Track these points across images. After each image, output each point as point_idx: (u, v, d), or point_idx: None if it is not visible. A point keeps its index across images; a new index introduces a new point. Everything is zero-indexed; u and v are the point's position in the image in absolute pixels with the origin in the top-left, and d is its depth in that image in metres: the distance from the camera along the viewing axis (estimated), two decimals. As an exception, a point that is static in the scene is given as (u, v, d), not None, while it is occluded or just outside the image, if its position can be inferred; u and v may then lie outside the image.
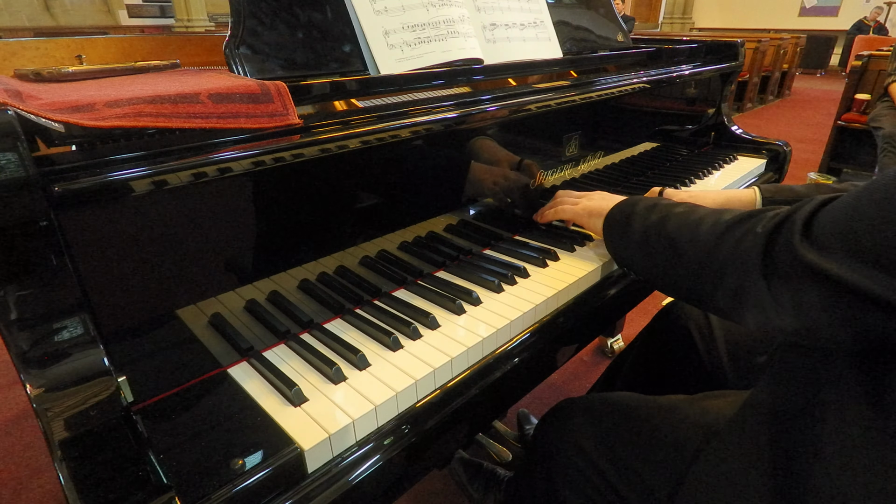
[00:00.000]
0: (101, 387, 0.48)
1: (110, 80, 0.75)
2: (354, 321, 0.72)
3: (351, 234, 0.74)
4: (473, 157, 0.87)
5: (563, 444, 0.76)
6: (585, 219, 0.88)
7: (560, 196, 0.97)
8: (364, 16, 0.81)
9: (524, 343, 0.73)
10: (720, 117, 1.57)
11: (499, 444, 1.30)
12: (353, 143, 0.67)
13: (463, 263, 0.88)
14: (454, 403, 0.64)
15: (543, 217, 0.97)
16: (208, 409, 0.57)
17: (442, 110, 0.76)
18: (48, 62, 0.99)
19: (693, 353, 0.97)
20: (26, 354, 0.47)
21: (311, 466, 0.53)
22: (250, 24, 0.71)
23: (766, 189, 0.93)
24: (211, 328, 0.63)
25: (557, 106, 0.93)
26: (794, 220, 0.51)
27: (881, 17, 9.63)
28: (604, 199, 0.87)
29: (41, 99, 0.50)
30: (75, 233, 0.49)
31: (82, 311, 0.50)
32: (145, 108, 0.50)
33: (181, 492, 0.46)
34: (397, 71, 0.82)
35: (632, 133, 1.27)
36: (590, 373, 1.80)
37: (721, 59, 1.44)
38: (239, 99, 0.56)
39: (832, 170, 3.79)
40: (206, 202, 0.58)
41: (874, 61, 3.45)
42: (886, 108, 3.08)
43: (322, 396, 0.58)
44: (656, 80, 1.17)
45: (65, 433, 0.45)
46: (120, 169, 0.49)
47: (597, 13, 1.28)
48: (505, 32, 1.01)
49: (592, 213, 0.86)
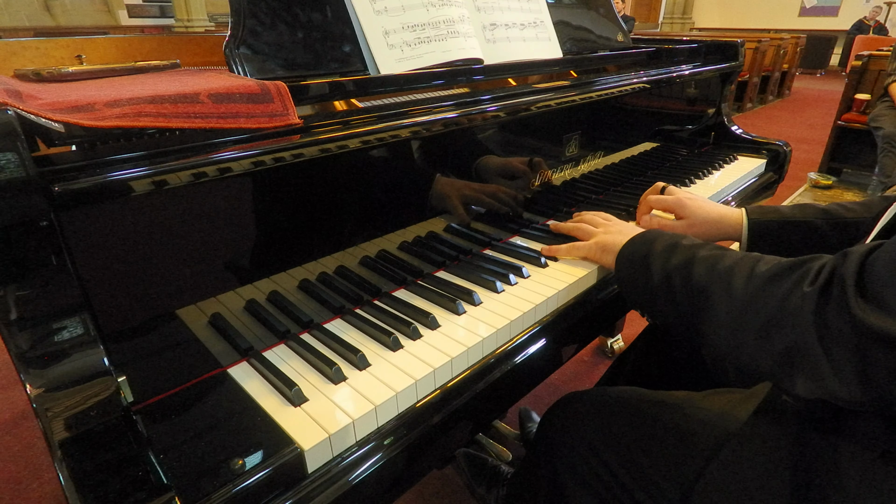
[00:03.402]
0: (101, 387, 0.48)
1: (110, 80, 0.75)
2: (354, 321, 0.72)
3: (351, 234, 0.74)
4: (473, 157, 0.87)
5: (568, 437, 0.76)
6: (598, 254, 0.82)
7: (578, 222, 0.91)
8: (364, 16, 0.81)
9: (524, 343, 0.73)
10: (720, 117, 1.57)
11: (499, 445, 1.30)
12: (353, 143, 0.67)
13: (463, 263, 0.88)
14: (454, 403, 0.64)
15: (559, 252, 0.88)
16: (208, 409, 0.57)
17: (442, 110, 0.76)
18: (48, 62, 0.99)
19: (695, 351, 0.98)
20: (26, 354, 0.47)
21: (311, 466, 0.53)
22: (250, 24, 0.71)
23: (753, 210, 0.91)
24: (211, 328, 0.63)
25: (557, 106, 0.93)
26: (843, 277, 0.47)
27: (881, 16, 9.64)
28: (620, 232, 0.81)
29: (41, 99, 0.50)
30: (75, 233, 0.49)
31: (82, 311, 0.49)
32: (145, 107, 0.50)
33: (181, 492, 0.46)
34: (397, 71, 0.82)
35: (632, 133, 1.27)
36: (590, 373, 1.80)
37: (721, 59, 1.44)
38: (239, 99, 0.56)
39: (832, 170, 3.79)
40: (206, 202, 0.58)
41: (874, 61, 3.45)
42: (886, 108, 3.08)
43: (322, 396, 0.58)
44: (656, 80, 1.17)
45: (65, 433, 0.45)
46: (120, 169, 0.49)
47: (597, 13, 1.28)
48: (505, 32, 1.01)
49: (606, 248, 0.80)
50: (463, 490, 1.33)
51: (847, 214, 0.86)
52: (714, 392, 0.72)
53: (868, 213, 0.85)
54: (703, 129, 1.57)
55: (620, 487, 0.69)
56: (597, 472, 0.71)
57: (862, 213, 0.86)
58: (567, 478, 0.75)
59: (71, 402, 0.47)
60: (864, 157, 3.62)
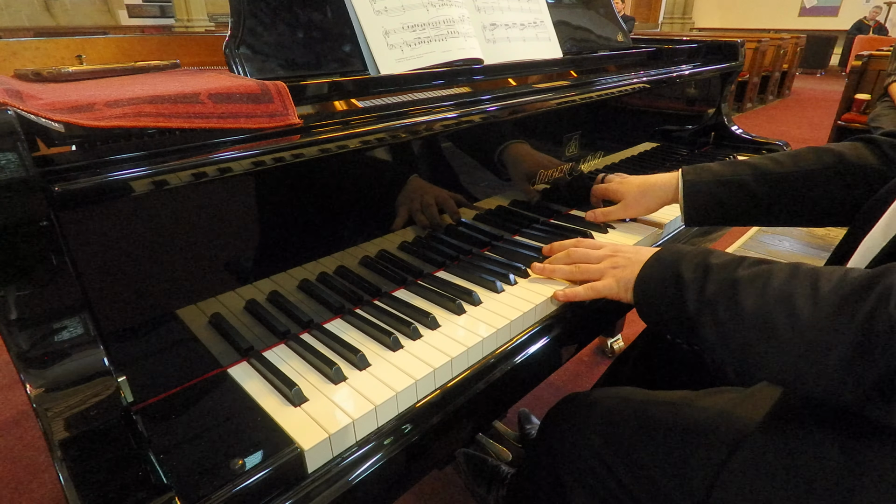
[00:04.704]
0: (101, 387, 0.48)
1: (110, 80, 0.75)
2: (354, 321, 0.72)
3: (351, 234, 0.74)
4: (473, 157, 0.87)
5: (569, 437, 0.76)
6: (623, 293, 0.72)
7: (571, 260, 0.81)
8: (364, 16, 0.81)
9: (524, 343, 0.73)
10: (720, 117, 1.57)
11: (499, 445, 1.30)
12: (353, 143, 0.67)
13: (463, 263, 0.88)
14: (454, 403, 0.64)
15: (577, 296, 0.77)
16: (208, 409, 0.57)
17: (442, 110, 0.76)
18: (48, 62, 0.99)
19: (694, 351, 0.98)
20: (26, 354, 0.47)
21: (311, 466, 0.53)
22: (250, 24, 0.71)
23: (687, 171, 0.92)
24: (211, 328, 0.63)
25: (557, 106, 0.93)
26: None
27: (881, 16, 9.63)
28: (630, 260, 0.73)
29: (41, 99, 0.50)
30: (75, 233, 0.49)
31: (82, 311, 0.49)
32: (145, 107, 0.50)
33: (181, 492, 0.46)
34: (397, 71, 0.82)
35: (632, 133, 1.27)
36: (590, 373, 1.80)
37: (721, 59, 1.44)
38: (239, 99, 0.56)
39: (832, 170, 3.78)
40: (206, 202, 0.58)
41: (874, 61, 3.45)
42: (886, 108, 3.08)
43: (322, 396, 0.58)
44: (656, 80, 1.17)
45: (65, 433, 0.45)
46: (120, 169, 0.49)
47: (597, 13, 1.28)
48: (505, 32, 1.01)
49: (627, 284, 0.71)
50: (463, 490, 1.33)
51: (775, 168, 0.87)
52: (714, 391, 0.72)
53: (796, 167, 0.86)
54: (704, 129, 1.56)
55: (621, 488, 0.69)
56: (598, 472, 0.71)
57: (790, 166, 0.87)
58: (568, 478, 0.75)
59: (71, 402, 0.47)
60: (864, 157, 3.61)
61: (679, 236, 1.07)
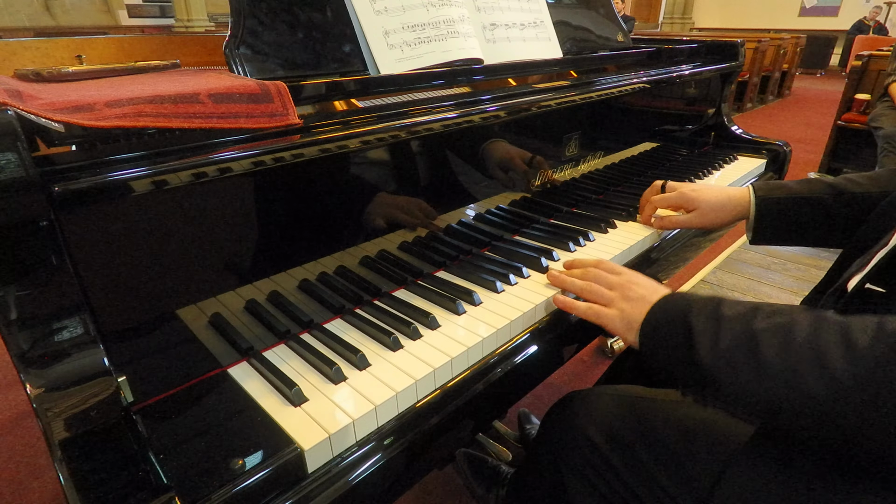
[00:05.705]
0: (101, 387, 0.48)
1: (110, 80, 0.75)
2: (354, 321, 0.72)
3: (351, 234, 0.74)
4: (473, 157, 0.87)
5: (570, 435, 0.76)
6: (625, 331, 0.68)
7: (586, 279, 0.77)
8: (364, 16, 0.81)
9: (524, 343, 0.73)
10: (720, 117, 1.57)
11: (499, 445, 1.30)
12: (353, 143, 0.67)
13: (463, 263, 0.88)
14: (454, 403, 0.64)
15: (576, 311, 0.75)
16: (208, 409, 0.57)
17: (442, 110, 0.76)
18: (48, 62, 0.99)
19: None
20: (26, 354, 0.47)
21: (311, 466, 0.53)
22: (250, 24, 0.71)
23: (759, 187, 0.91)
24: (211, 328, 0.63)
25: (557, 106, 0.93)
26: None
27: (881, 16, 9.63)
28: (642, 297, 0.68)
29: (41, 99, 0.50)
30: (75, 233, 0.49)
31: (82, 311, 0.50)
32: (145, 108, 0.50)
33: (181, 492, 0.46)
34: (397, 71, 0.82)
35: (632, 133, 1.27)
36: (590, 373, 1.80)
37: (721, 59, 1.44)
38: (239, 99, 0.56)
39: (832, 170, 3.79)
40: (206, 202, 0.58)
41: (874, 61, 3.45)
42: (886, 108, 3.08)
43: (322, 396, 0.58)
44: (656, 80, 1.17)
45: (65, 433, 0.45)
46: (120, 169, 0.49)
47: (597, 13, 1.28)
48: (505, 32, 1.01)
49: (632, 325, 0.67)
50: (463, 490, 1.33)
51: (854, 188, 0.86)
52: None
53: (875, 188, 0.85)
54: (703, 129, 1.57)
55: (623, 485, 0.69)
56: (599, 471, 0.71)
57: (869, 186, 0.85)
58: (569, 474, 0.75)
59: (71, 402, 0.47)
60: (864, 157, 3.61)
61: (679, 236, 1.07)
